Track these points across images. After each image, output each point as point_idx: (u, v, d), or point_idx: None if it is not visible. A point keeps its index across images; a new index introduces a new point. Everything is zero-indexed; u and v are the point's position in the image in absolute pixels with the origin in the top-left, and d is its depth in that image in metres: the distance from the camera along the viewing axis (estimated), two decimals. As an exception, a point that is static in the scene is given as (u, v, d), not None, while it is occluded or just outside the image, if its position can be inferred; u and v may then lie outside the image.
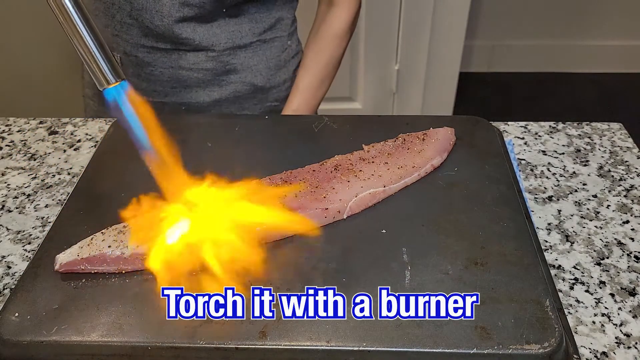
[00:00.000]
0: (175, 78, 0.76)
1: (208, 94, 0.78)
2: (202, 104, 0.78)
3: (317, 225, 0.50)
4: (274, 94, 0.81)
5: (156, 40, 0.73)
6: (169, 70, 0.76)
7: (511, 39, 2.39)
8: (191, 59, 0.75)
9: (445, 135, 0.60)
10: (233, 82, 0.78)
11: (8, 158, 0.73)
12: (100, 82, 0.43)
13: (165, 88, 0.77)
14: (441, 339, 0.41)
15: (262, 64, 0.78)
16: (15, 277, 0.55)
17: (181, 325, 0.42)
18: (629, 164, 0.70)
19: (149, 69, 0.76)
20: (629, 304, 0.52)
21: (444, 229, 0.50)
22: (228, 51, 0.75)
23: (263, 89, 0.79)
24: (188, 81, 0.77)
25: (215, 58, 0.75)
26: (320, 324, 0.42)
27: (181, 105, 0.79)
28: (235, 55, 0.76)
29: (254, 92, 0.79)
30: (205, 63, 0.75)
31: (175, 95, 0.77)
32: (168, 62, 0.75)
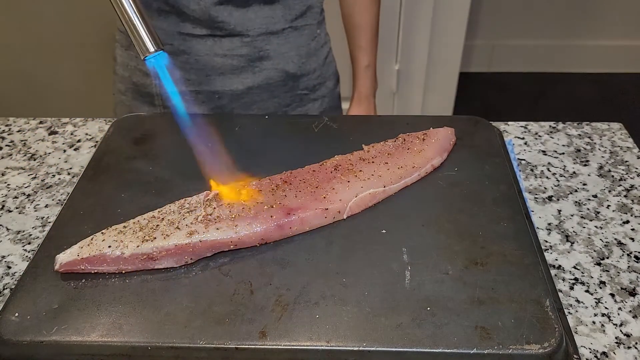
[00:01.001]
0: (209, 65, 0.78)
1: (241, 81, 0.79)
2: (235, 91, 0.80)
3: (316, 225, 0.50)
4: (304, 82, 0.83)
5: (192, 26, 0.75)
6: (204, 57, 0.77)
7: (511, 39, 2.39)
8: (226, 45, 0.76)
9: (445, 135, 0.60)
10: (266, 68, 0.79)
11: (8, 158, 0.73)
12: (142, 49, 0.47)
13: (200, 76, 0.78)
14: (441, 339, 0.40)
15: (293, 51, 0.80)
16: (15, 277, 0.55)
17: (181, 326, 0.42)
18: (629, 164, 0.70)
19: (184, 57, 0.77)
20: (629, 304, 0.52)
21: (444, 229, 0.50)
22: (262, 37, 0.77)
23: (294, 76, 0.81)
24: (222, 68, 0.78)
25: (249, 44, 0.77)
26: (320, 324, 0.42)
27: (214, 94, 0.80)
28: (269, 42, 0.78)
29: (285, 80, 0.81)
30: (240, 49, 0.77)
31: (209, 83, 0.78)
32: (203, 49, 0.77)
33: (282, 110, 0.83)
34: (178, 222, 0.48)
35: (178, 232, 0.47)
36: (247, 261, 0.47)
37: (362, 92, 0.91)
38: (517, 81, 2.41)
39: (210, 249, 0.47)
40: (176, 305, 0.43)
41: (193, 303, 0.44)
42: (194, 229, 0.47)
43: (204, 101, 0.80)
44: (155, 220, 0.49)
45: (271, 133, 0.64)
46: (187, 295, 0.44)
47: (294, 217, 0.49)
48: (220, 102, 0.81)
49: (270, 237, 0.49)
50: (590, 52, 2.41)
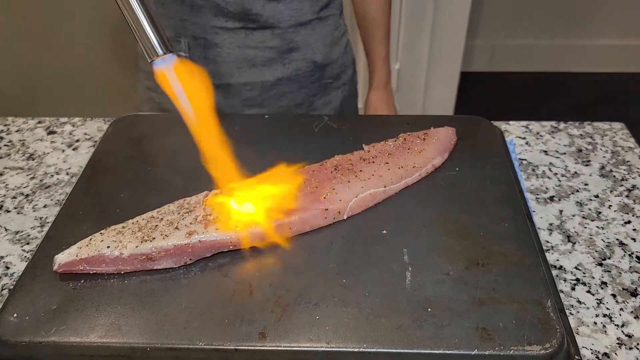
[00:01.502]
0: (241, 58, 0.80)
1: (272, 73, 0.81)
2: (266, 83, 0.82)
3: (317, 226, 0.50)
4: (329, 71, 0.86)
5: (225, 19, 0.77)
6: (236, 50, 0.79)
7: (512, 38, 2.39)
8: (257, 37, 0.79)
9: (446, 135, 0.60)
10: (295, 59, 0.82)
11: (6, 158, 0.73)
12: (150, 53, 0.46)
13: (232, 69, 0.81)
14: (442, 340, 0.40)
15: (319, 42, 0.83)
16: (13, 277, 0.55)
17: (180, 326, 0.42)
18: (630, 164, 0.70)
19: (217, 50, 0.79)
20: (631, 304, 0.52)
21: (445, 229, 0.50)
22: (291, 29, 0.79)
23: (321, 66, 0.84)
24: (254, 60, 0.80)
25: (279, 35, 0.79)
26: (320, 325, 0.42)
27: (245, 86, 0.82)
28: (297, 33, 0.80)
29: (313, 70, 0.84)
30: (271, 41, 0.79)
31: (240, 75, 0.81)
32: (235, 41, 0.79)
33: (310, 100, 0.86)
34: (177, 223, 0.48)
35: (177, 233, 0.47)
36: (247, 262, 0.47)
37: (380, 82, 0.96)
38: (519, 81, 2.41)
39: (210, 249, 0.47)
40: (175, 306, 0.43)
41: (192, 304, 0.43)
42: (193, 229, 0.47)
43: (235, 93, 0.82)
44: (154, 220, 0.49)
45: (271, 133, 0.64)
46: (186, 296, 0.44)
47: (294, 218, 0.49)
48: (251, 94, 0.83)
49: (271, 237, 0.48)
50: (592, 52, 2.41)
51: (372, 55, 0.95)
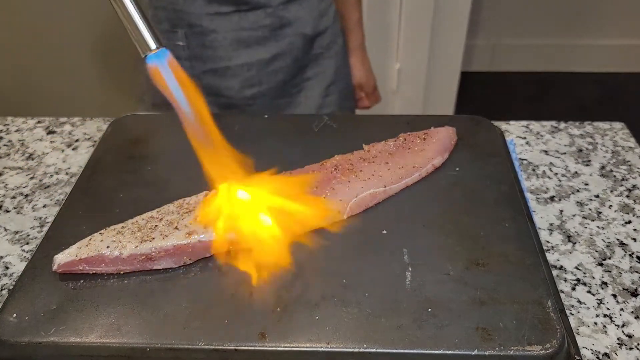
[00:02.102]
0: (237, 40, 0.83)
1: (267, 50, 0.85)
2: (262, 60, 0.85)
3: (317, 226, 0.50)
4: (319, 41, 0.90)
5: (219, 4, 0.80)
6: (232, 33, 0.82)
7: (513, 38, 2.39)
8: (251, 18, 0.82)
9: (446, 134, 0.60)
10: (288, 35, 0.85)
11: (6, 158, 0.73)
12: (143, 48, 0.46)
13: (229, 52, 0.84)
14: (442, 340, 0.40)
15: (308, 15, 0.86)
16: (13, 277, 0.55)
17: (180, 327, 0.42)
18: (631, 164, 0.70)
19: (213, 35, 0.82)
20: (631, 304, 0.52)
21: (445, 229, 0.50)
22: (281, 6, 0.83)
23: (312, 38, 0.88)
24: (249, 41, 0.84)
25: (272, 14, 0.83)
26: (320, 325, 0.41)
27: (244, 66, 0.85)
28: (287, 10, 0.84)
29: (304, 43, 0.88)
30: (263, 20, 0.83)
31: (237, 57, 0.84)
32: (230, 25, 0.82)
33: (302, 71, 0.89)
34: (177, 223, 0.48)
35: (177, 233, 0.47)
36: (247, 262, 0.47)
37: (355, 44, 1.00)
38: (519, 80, 2.41)
39: (210, 249, 0.47)
40: (175, 306, 0.43)
41: (192, 304, 0.43)
42: (192, 229, 0.47)
43: (234, 75, 0.85)
44: (154, 220, 0.49)
45: (271, 133, 0.64)
46: (186, 296, 0.44)
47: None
48: (249, 74, 0.85)
49: (270, 237, 0.48)
50: (592, 52, 2.40)
51: (346, 19, 0.98)
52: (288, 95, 0.90)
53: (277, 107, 0.90)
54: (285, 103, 0.90)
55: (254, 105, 0.88)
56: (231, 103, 0.88)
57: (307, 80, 0.90)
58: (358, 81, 1.02)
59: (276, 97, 0.89)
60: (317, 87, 0.91)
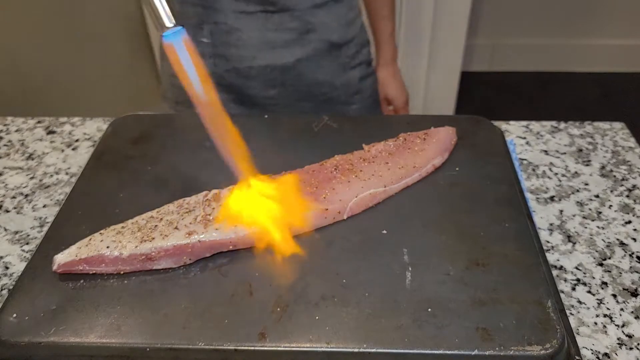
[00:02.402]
0: (262, 40, 0.83)
1: (291, 54, 0.85)
2: (286, 64, 0.85)
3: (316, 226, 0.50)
4: (345, 50, 0.89)
5: (246, 3, 0.80)
6: (257, 33, 0.82)
7: (513, 38, 2.39)
8: (277, 19, 0.82)
9: (446, 134, 0.60)
10: (313, 40, 0.85)
11: (6, 158, 0.73)
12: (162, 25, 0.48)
13: (253, 52, 0.84)
14: (442, 340, 0.40)
15: (335, 22, 0.86)
16: (13, 277, 0.55)
17: (180, 327, 0.42)
18: (631, 164, 0.70)
19: (238, 34, 0.82)
20: (631, 304, 0.52)
21: (445, 229, 0.50)
22: (308, 10, 0.83)
23: (337, 45, 0.88)
24: (274, 42, 0.83)
25: (297, 17, 0.82)
26: (320, 325, 0.41)
27: (266, 68, 0.85)
28: (314, 15, 0.83)
29: (329, 49, 0.87)
30: (289, 23, 0.82)
31: (261, 57, 0.84)
32: (256, 25, 0.82)
33: (330, 80, 0.89)
34: (177, 223, 0.48)
35: (177, 233, 0.47)
36: (247, 262, 0.47)
37: (388, 57, 0.99)
38: (519, 80, 2.41)
39: (209, 249, 0.47)
40: (175, 306, 0.43)
41: (192, 304, 0.43)
42: (192, 230, 0.47)
43: (256, 75, 0.85)
44: (154, 220, 0.49)
45: (271, 133, 0.64)
46: (185, 296, 0.44)
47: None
48: (271, 75, 0.85)
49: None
50: (592, 52, 2.40)
51: (379, 32, 0.98)
52: (311, 100, 0.90)
53: (302, 110, 0.90)
54: (309, 107, 0.90)
55: (276, 105, 0.89)
56: (253, 102, 0.88)
57: (332, 88, 0.90)
58: (388, 95, 1.00)
59: (299, 100, 0.89)
60: (342, 96, 0.91)
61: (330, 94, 0.90)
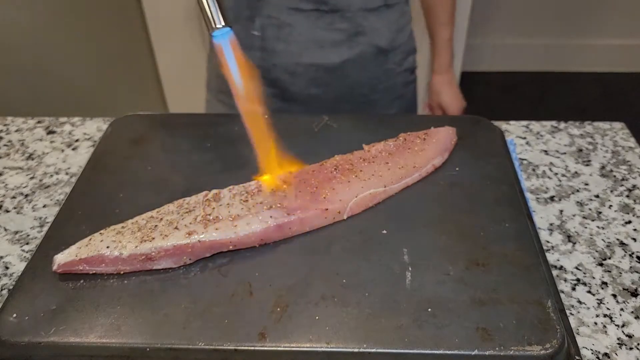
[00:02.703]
0: (311, 39, 0.84)
1: (338, 55, 0.85)
2: (332, 64, 0.86)
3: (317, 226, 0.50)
4: (392, 57, 0.89)
5: (300, 0, 0.81)
6: (307, 31, 0.83)
7: (513, 38, 2.39)
8: (328, 19, 0.82)
9: (446, 134, 0.60)
10: (361, 43, 0.85)
11: (6, 158, 0.73)
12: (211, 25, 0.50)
13: (301, 49, 0.84)
14: (442, 340, 0.40)
15: (385, 28, 0.86)
16: (13, 277, 0.55)
17: (180, 327, 0.42)
18: (631, 164, 0.70)
19: (289, 29, 0.83)
20: (631, 304, 0.52)
21: (445, 229, 0.50)
22: (360, 13, 0.83)
23: (385, 51, 0.87)
24: (322, 41, 0.84)
25: (349, 19, 0.83)
26: (320, 325, 0.41)
27: (312, 66, 0.85)
28: (366, 18, 0.84)
29: (376, 54, 0.87)
30: (340, 24, 0.83)
31: (308, 55, 0.85)
32: (307, 23, 0.83)
33: (373, 83, 0.89)
34: (177, 223, 0.48)
35: (177, 233, 0.47)
36: (247, 262, 0.47)
37: (443, 64, 0.98)
38: (519, 80, 2.41)
39: (209, 249, 0.47)
40: (175, 306, 0.43)
41: (192, 304, 0.43)
42: (192, 229, 0.47)
43: (302, 73, 0.86)
44: (154, 220, 0.49)
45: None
46: (185, 296, 0.44)
47: (294, 218, 0.49)
48: (316, 74, 0.86)
49: (270, 237, 0.48)
50: (592, 52, 2.40)
51: (436, 37, 0.97)
52: (352, 102, 0.90)
53: (340, 110, 0.90)
54: (350, 108, 0.90)
55: (318, 104, 0.89)
56: (296, 99, 0.89)
57: (374, 91, 0.90)
58: (442, 102, 1.00)
59: (340, 101, 0.89)
60: (383, 100, 0.91)
61: (371, 97, 0.90)
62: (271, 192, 0.51)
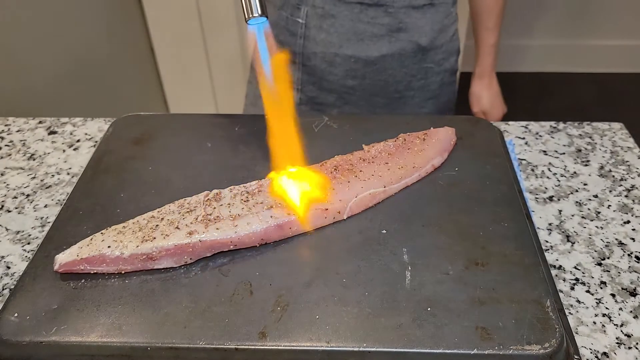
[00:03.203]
0: (353, 30, 0.84)
1: (377, 49, 0.86)
2: (370, 58, 0.86)
3: (316, 226, 0.50)
4: (432, 56, 0.89)
5: None
6: (350, 23, 0.84)
7: (511, 38, 2.39)
8: (371, 13, 0.83)
9: (445, 135, 0.60)
10: (401, 39, 0.86)
11: (7, 158, 0.73)
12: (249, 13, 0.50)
13: (341, 40, 0.85)
14: (441, 339, 0.40)
15: (428, 26, 0.86)
16: (14, 277, 0.55)
17: (180, 326, 0.42)
18: (629, 164, 0.70)
19: (332, 20, 0.84)
20: (630, 304, 0.52)
21: (445, 229, 0.50)
22: (403, 9, 0.83)
23: (424, 49, 0.88)
24: (363, 34, 0.85)
25: (391, 14, 0.83)
26: (320, 324, 0.42)
27: (351, 58, 0.86)
28: (409, 15, 0.84)
29: (415, 52, 0.87)
30: (382, 18, 0.84)
31: (348, 47, 0.85)
32: (350, 15, 0.83)
33: (408, 80, 0.89)
34: (177, 222, 0.48)
35: (177, 232, 0.47)
36: (247, 261, 0.47)
37: (485, 69, 1.00)
38: (518, 81, 2.41)
39: (210, 249, 0.47)
40: (176, 305, 0.43)
41: (193, 303, 0.43)
42: (193, 229, 0.47)
43: (340, 63, 0.87)
44: (155, 220, 0.49)
45: (271, 133, 0.64)
46: (186, 296, 0.44)
47: (294, 217, 0.49)
48: (354, 66, 0.87)
49: (270, 237, 0.49)
50: (591, 52, 2.41)
51: (481, 41, 0.99)
52: (386, 97, 0.90)
53: (374, 104, 0.91)
54: (383, 103, 0.91)
55: (353, 95, 0.89)
56: (332, 88, 0.89)
57: (411, 89, 0.90)
58: (481, 106, 1.00)
59: (376, 95, 0.90)
60: (418, 98, 0.91)
61: (406, 93, 0.90)
62: None
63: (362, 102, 0.90)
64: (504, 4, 0.94)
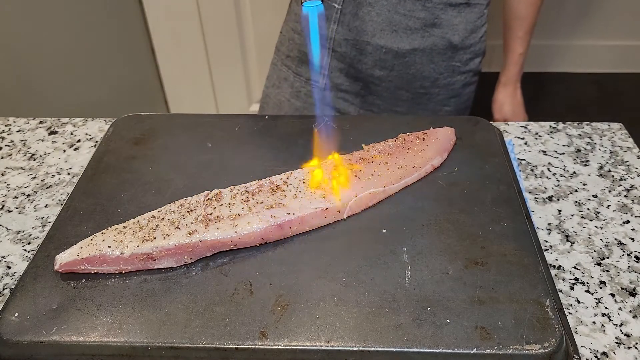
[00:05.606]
0: (387, 21, 0.85)
1: (409, 42, 0.86)
2: (401, 50, 0.87)
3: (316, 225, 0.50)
4: (461, 54, 0.90)
5: None
6: (386, 13, 0.84)
7: (511, 38, 2.39)
8: (408, 5, 0.84)
9: (445, 135, 0.60)
10: (434, 35, 0.86)
11: (8, 158, 0.73)
12: None
13: (375, 30, 0.85)
14: (441, 339, 0.40)
15: (461, 25, 0.87)
16: (15, 277, 0.55)
17: (181, 326, 0.42)
18: (629, 164, 0.70)
19: (368, 9, 0.84)
20: (629, 304, 0.52)
21: (444, 229, 0.50)
22: (441, 6, 0.84)
23: (455, 47, 0.88)
24: (397, 26, 0.85)
25: (428, 9, 0.84)
26: (320, 324, 0.42)
27: (382, 48, 0.87)
28: (445, 12, 0.85)
29: (446, 49, 0.88)
30: (419, 12, 0.84)
31: (380, 37, 0.86)
32: (387, 5, 0.84)
33: (435, 77, 0.90)
34: (178, 222, 0.48)
35: (178, 232, 0.47)
36: (247, 261, 0.47)
37: (510, 78, 1.00)
38: (518, 81, 2.41)
39: (210, 248, 0.47)
40: (176, 305, 0.44)
41: (193, 303, 0.44)
42: (193, 229, 0.47)
43: (371, 52, 0.87)
44: (155, 220, 0.49)
45: (271, 133, 0.64)
46: (187, 295, 0.44)
47: (294, 217, 0.49)
48: (384, 57, 0.87)
49: (270, 236, 0.49)
50: (590, 52, 2.41)
51: (509, 50, 0.99)
52: (412, 91, 0.90)
53: (398, 97, 0.91)
54: (407, 97, 0.91)
55: (379, 86, 0.90)
56: (359, 76, 0.89)
57: (436, 86, 0.90)
58: (503, 114, 1.00)
59: (400, 88, 0.90)
60: (442, 95, 0.92)
61: (431, 90, 0.91)
62: None
63: (387, 93, 0.90)
64: (537, 14, 0.95)
